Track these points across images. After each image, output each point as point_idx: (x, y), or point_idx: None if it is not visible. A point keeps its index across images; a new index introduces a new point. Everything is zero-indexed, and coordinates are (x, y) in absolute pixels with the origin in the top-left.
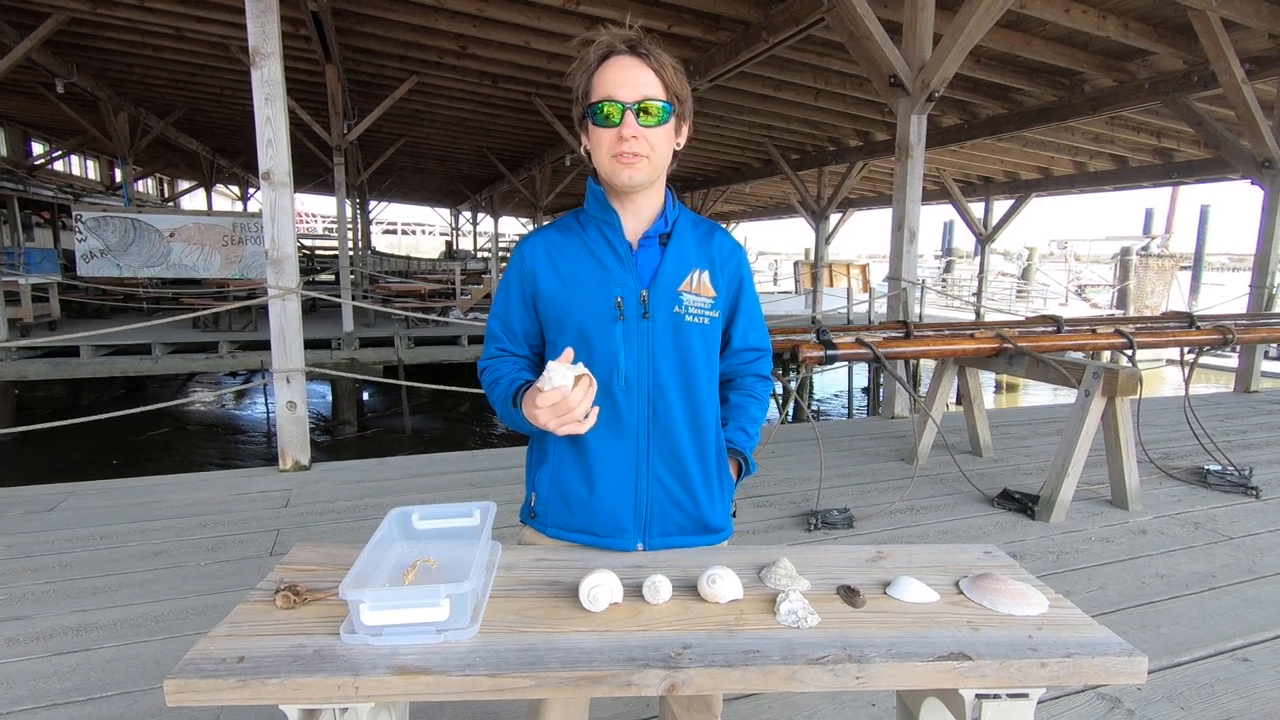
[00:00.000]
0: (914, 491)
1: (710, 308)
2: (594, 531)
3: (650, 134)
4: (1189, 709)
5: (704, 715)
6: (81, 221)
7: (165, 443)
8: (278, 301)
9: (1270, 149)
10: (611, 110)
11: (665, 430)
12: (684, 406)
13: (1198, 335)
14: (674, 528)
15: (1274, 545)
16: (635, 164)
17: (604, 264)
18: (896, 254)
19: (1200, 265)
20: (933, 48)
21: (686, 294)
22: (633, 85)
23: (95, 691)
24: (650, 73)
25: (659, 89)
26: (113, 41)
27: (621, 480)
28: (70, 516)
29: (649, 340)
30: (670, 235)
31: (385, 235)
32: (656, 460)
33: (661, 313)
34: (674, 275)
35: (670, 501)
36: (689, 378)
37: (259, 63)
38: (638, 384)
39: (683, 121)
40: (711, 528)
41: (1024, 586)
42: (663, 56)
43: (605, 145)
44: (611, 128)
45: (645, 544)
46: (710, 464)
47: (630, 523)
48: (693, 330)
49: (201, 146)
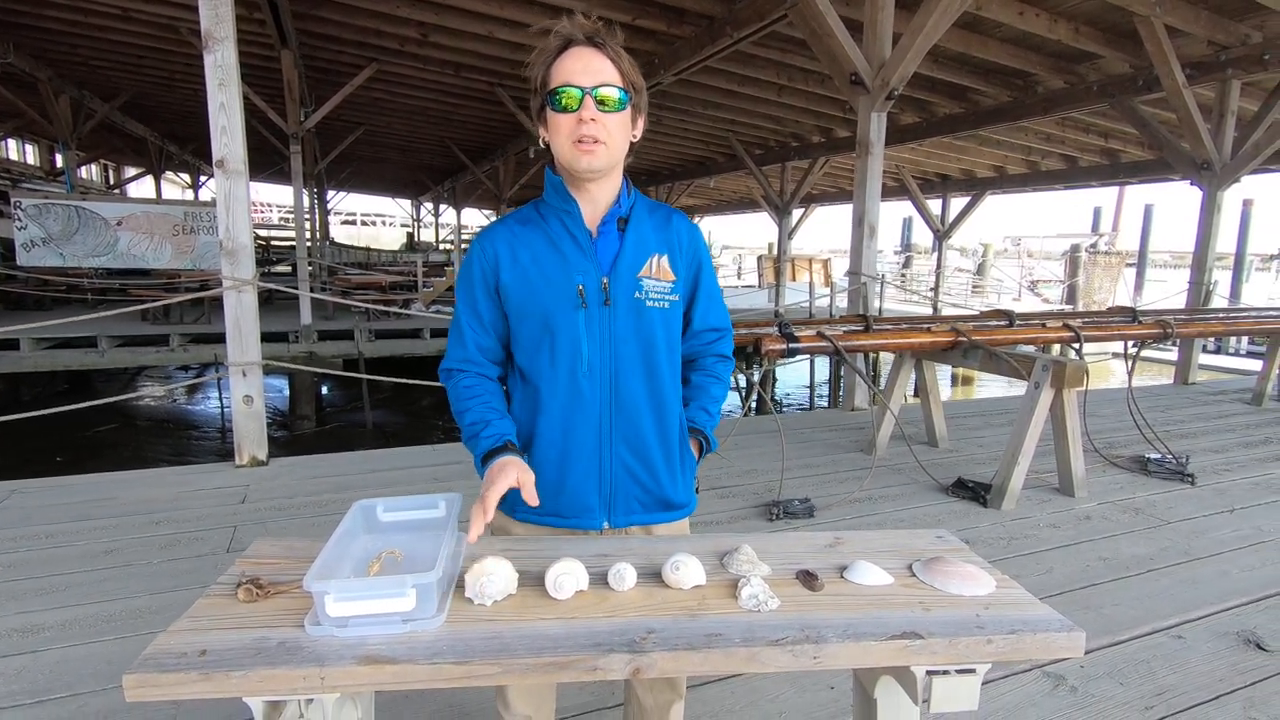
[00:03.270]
0: (872, 481)
1: (670, 291)
2: (560, 514)
3: (608, 120)
4: (1128, 684)
5: (668, 694)
6: (21, 209)
7: (113, 439)
8: (233, 293)
9: (1208, 151)
10: (570, 96)
11: (627, 413)
12: (646, 389)
13: (1140, 330)
14: (637, 505)
15: (1208, 529)
16: (594, 150)
17: (564, 253)
18: (857, 249)
19: (1144, 262)
20: (892, 46)
21: (646, 279)
22: (590, 72)
23: (43, 694)
24: (608, 61)
25: (616, 77)
26: (54, 20)
27: (586, 463)
28: (13, 515)
29: (611, 326)
30: (628, 221)
31: (344, 226)
32: (619, 442)
33: (622, 299)
34: (633, 261)
35: (633, 481)
36: (650, 361)
37: (212, 47)
38: (600, 369)
39: (639, 114)
40: (674, 504)
41: (973, 568)
42: (619, 48)
43: (564, 131)
44: (570, 113)
45: (610, 522)
46: (672, 443)
47: (595, 502)
48: (654, 315)
49: (149, 132)
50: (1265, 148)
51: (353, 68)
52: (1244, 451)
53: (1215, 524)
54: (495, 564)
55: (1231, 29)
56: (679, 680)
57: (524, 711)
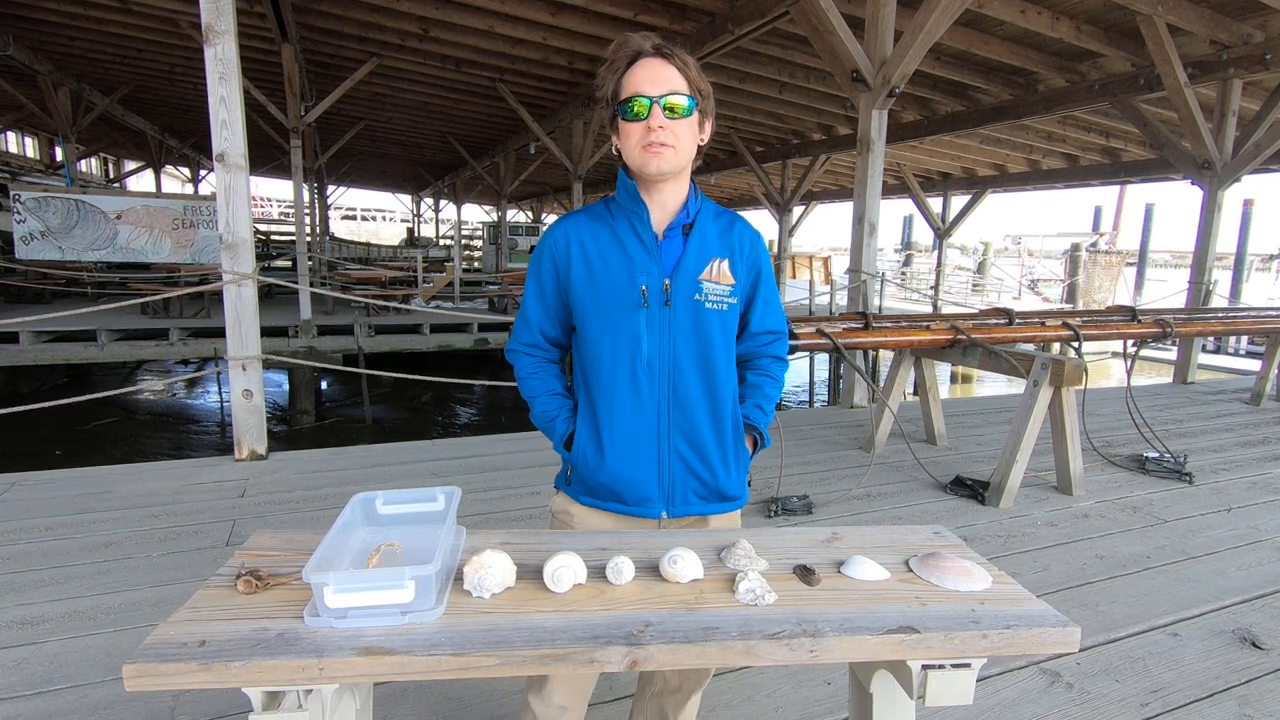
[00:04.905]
0: (871, 479)
1: (729, 294)
2: (623, 500)
3: (675, 126)
4: (1123, 681)
5: (697, 675)
6: (20, 202)
7: (112, 433)
8: (233, 287)
9: (1209, 151)
10: (640, 105)
11: (684, 408)
12: (702, 387)
13: (1139, 329)
14: (694, 497)
15: (1204, 528)
16: (663, 153)
17: (630, 253)
18: (857, 247)
19: (1144, 262)
20: (894, 44)
21: (706, 282)
22: (659, 82)
23: (43, 685)
24: (675, 71)
25: (683, 85)
26: (53, 13)
27: (645, 454)
28: (13, 508)
29: (670, 326)
30: (693, 226)
31: (344, 221)
32: (677, 436)
33: (683, 300)
34: (695, 265)
35: (689, 473)
36: (707, 361)
37: (212, 40)
38: (659, 366)
39: (705, 117)
40: (728, 496)
41: (969, 564)
42: (686, 57)
43: (635, 138)
44: (640, 121)
45: (669, 512)
46: (727, 439)
47: (655, 493)
48: (711, 316)
49: (149, 125)
50: (1266, 147)
51: (353, 62)
52: (1242, 451)
53: (1212, 523)
54: (494, 557)
55: (1233, 28)
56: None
57: (560, 702)
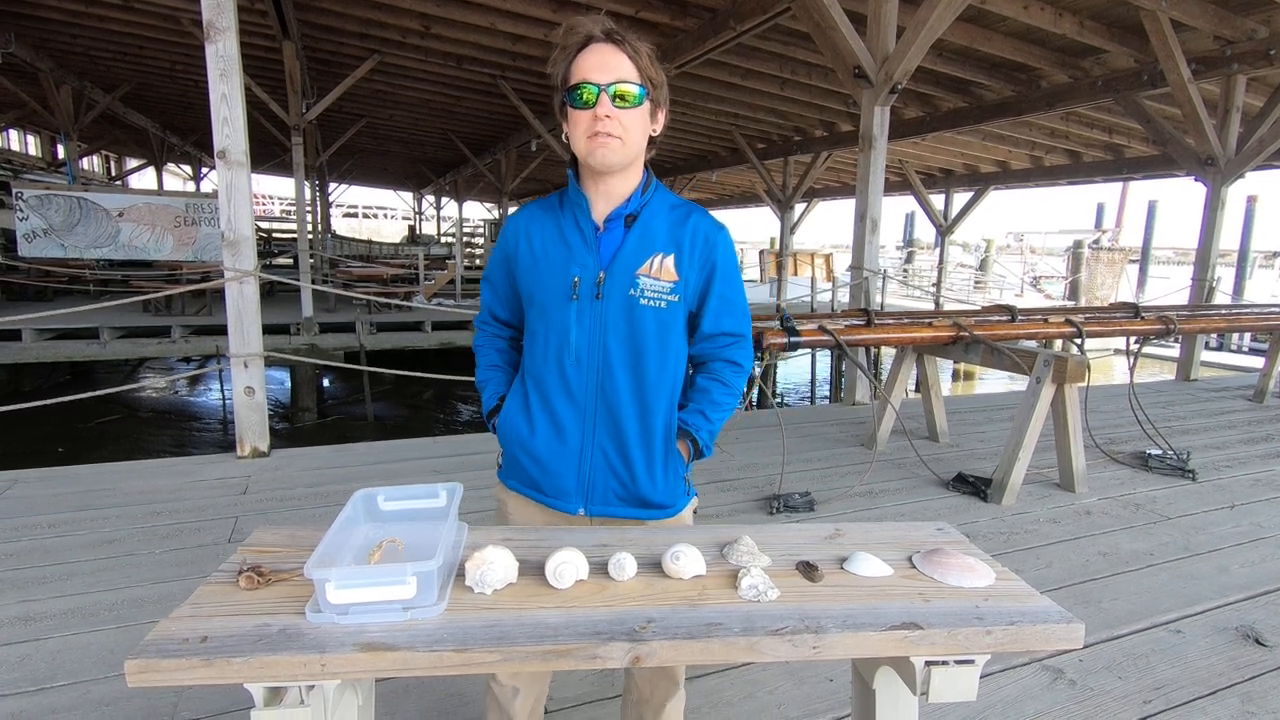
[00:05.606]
0: (873, 476)
1: (669, 292)
2: (542, 490)
3: (624, 115)
4: (1126, 678)
5: (666, 685)
6: (22, 200)
7: (115, 430)
8: (235, 285)
9: (1213, 147)
10: (588, 93)
11: (611, 406)
12: (631, 386)
13: (1142, 325)
14: (613, 498)
15: (1207, 525)
16: (609, 144)
17: (569, 244)
18: (859, 244)
19: (1147, 258)
20: (896, 40)
21: (644, 277)
22: (608, 69)
23: (45, 681)
24: (625, 58)
25: (633, 73)
26: (54, 10)
27: (568, 448)
28: (15, 505)
29: (601, 320)
30: (636, 217)
31: (346, 219)
32: (602, 433)
33: (616, 294)
34: (633, 258)
35: (611, 473)
36: (638, 359)
37: (213, 37)
38: (588, 361)
39: (658, 108)
40: (650, 503)
41: (972, 560)
42: (637, 44)
43: (582, 126)
44: (587, 109)
45: (587, 510)
46: (655, 443)
47: (573, 487)
48: (646, 313)
49: (151, 123)
50: (1270, 144)
51: (354, 59)
52: (1245, 448)
53: (1215, 520)
54: (496, 553)
55: (1237, 24)
56: (678, 672)
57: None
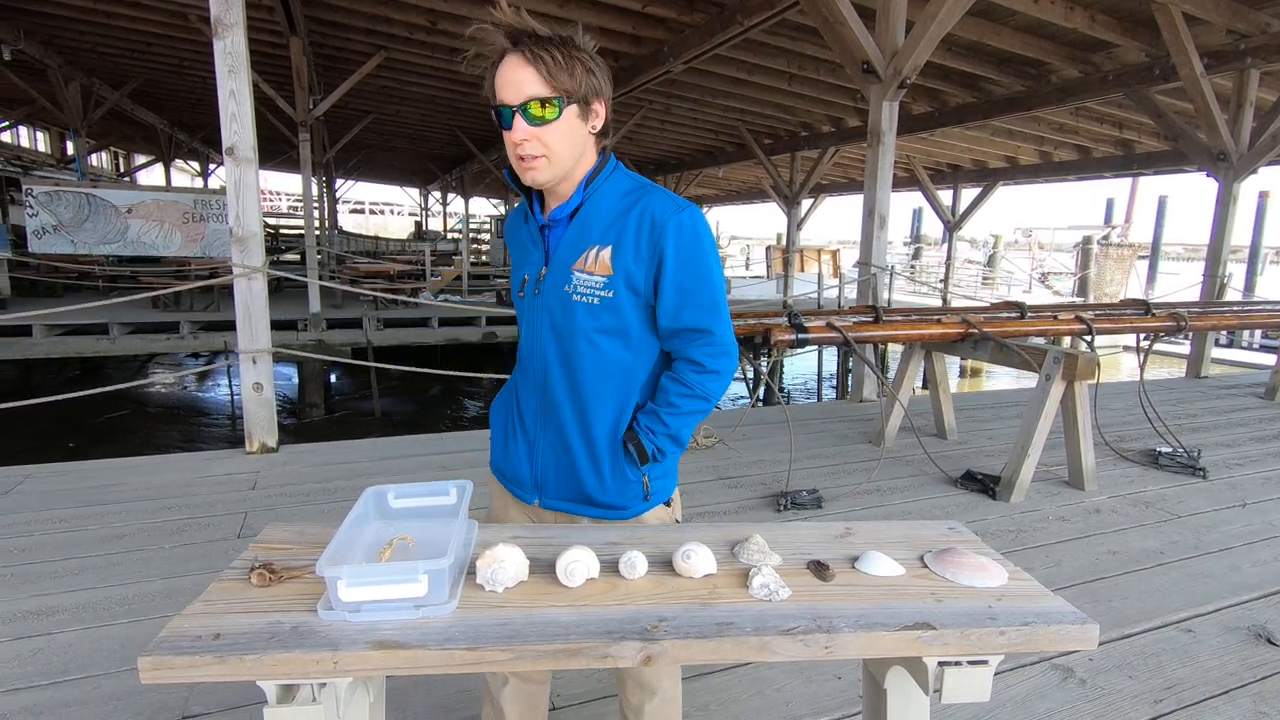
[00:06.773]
0: (881, 473)
1: (602, 287)
2: (506, 478)
3: (542, 133)
4: (1137, 677)
5: (638, 696)
6: (32, 196)
7: (124, 426)
8: (243, 281)
9: (1225, 142)
10: (504, 116)
11: (553, 405)
12: (566, 385)
13: (1153, 322)
14: (565, 493)
15: (1218, 523)
16: (535, 165)
17: (525, 244)
18: (867, 240)
19: (1157, 255)
20: (905, 35)
21: (578, 273)
22: (518, 87)
23: (58, 675)
24: (530, 70)
25: (543, 88)
26: (63, 7)
27: (525, 440)
28: (27, 500)
29: (540, 318)
30: (579, 210)
31: (353, 215)
32: (550, 429)
33: (551, 291)
34: (568, 254)
35: (557, 469)
36: (570, 358)
37: (221, 33)
38: (533, 358)
39: (589, 106)
40: (597, 503)
41: (985, 560)
42: (551, 49)
43: (509, 148)
44: (508, 131)
45: (541, 502)
46: (598, 443)
47: (527, 478)
48: (579, 310)
49: (159, 119)
50: None
51: (361, 55)
52: (1256, 446)
53: (1226, 518)
54: (507, 551)
55: (1251, 17)
56: (651, 680)
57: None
